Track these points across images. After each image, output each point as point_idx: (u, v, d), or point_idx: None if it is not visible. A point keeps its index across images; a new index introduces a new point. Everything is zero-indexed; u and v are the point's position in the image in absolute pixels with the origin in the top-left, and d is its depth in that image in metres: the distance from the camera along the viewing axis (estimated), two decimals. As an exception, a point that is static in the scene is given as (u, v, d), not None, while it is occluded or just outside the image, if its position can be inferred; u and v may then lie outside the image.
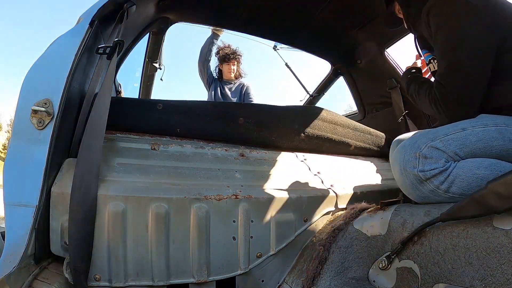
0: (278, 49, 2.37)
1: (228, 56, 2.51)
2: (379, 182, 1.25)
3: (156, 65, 2.05)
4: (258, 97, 2.65)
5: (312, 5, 1.61)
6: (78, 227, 0.71)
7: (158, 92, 2.29)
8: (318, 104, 2.54)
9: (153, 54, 1.97)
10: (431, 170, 0.77)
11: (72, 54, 0.78)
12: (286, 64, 2.50)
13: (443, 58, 0.88)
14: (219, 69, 2.60)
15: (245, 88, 2.61)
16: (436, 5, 0.89)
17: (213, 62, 2.61)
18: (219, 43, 2.48)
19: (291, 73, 2.54)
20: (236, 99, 2.57)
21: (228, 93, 2.57)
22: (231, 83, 2.61)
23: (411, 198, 0.84)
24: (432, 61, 1.14)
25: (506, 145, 0.79)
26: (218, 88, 2.57)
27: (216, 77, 2.61)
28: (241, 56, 2.57)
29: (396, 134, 1.18)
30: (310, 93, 2.46)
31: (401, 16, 1.17)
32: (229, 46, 2.53)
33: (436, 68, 1.08)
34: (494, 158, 0.78)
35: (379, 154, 1.50)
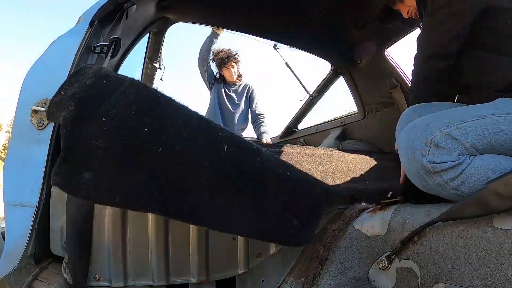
0: (278, 48, 2.36)
1: (225, 60, 2.45)
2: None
3: (156, 65, 2.05)
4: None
5: (312, 5, 1.61)
6: (76, 227, 0.71)
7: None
8: (318, 104, 2.54)
9: (153, 54, 1.97)
10: (442, 163, 0.69)
11: (72, 54, 0.78)
12: (287, 64, 2.50)
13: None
14: (219, 74, 2.56)
15: (250, 91, 2.59)
16: None
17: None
18: (218, 43, 2.47)
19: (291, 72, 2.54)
20: (242, 101, 2.55)
21: (233, 94, 2.55)
22: (236, 85, 2.58)
23: (415, 184, 0.78)
24: None
25: None
26: (223, 90, 2.53)
27: (218, 77, 2.58)
28: (238, 55, 2.51)
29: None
30: (310, 93, 2.46)
31: (403, 12, 1.14)
32: (223, 50, 2.47)
33: None
34: None
35: None
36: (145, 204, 0.59)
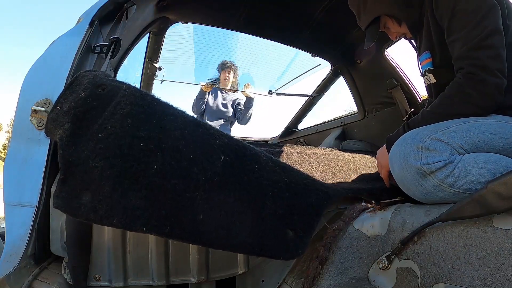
0: (273, 93, 2.51)
1: (225, 65, 2.74)
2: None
3: (156, 65, 2.05)
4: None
5: (313, 5, 1.61)
6: (76, 227, 0.71)
7: (158, 92, 2.29)
8: (318, 104, 2.54)
9: (153, 54, 1.96)
10: (436, 162, 0.73)
11: (72, 54, 0.78)
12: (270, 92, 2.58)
13: (475, 27, 0.81)
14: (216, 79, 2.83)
15: (237, 101, 2.86)
16: None
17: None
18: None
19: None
20: (231, 105, 2.81)
21: (225, 100, 2.80)
22: (227, 93, 2.83)
23: (411, 196, 0.80)
24: (426, 73, 1.05)
25: (509, 139, 0.77)
26: (219, 95, 2.80)
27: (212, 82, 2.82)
28: (237, 68, 2.80)
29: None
30: (310, 93, 2.46)
31: (386, 30, 1.13)
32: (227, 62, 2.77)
33: (432, 81, 1.03)
34: (497, 152, 0.76)
35: None
36: (142, 226, 0.58)
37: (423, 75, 1.09)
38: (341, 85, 2.26)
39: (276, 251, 0.69)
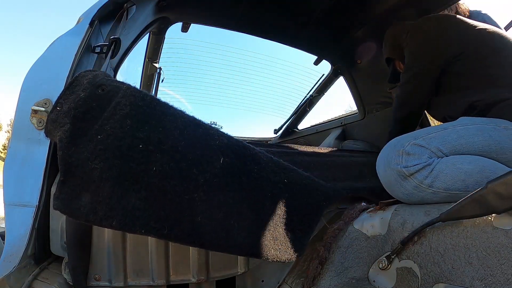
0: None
1: None
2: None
3: (156, 65, 2.05)
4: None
5: (313, 5, 1.61)
6: (75, 227, 0.71)
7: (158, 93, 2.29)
8: (318, 104, 2.54)
9: (153, 54, 1.96)
10: (414, 165, 0.79)
11: (72, 54, 0.78)
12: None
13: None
14: None
15: None
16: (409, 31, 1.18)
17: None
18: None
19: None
20: None
21: None
22: None
23: (395, 197, 0.85)
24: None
25: (487, 141, 0.81)
26: None
27: None
28: None
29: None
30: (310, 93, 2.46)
31: (401, 70, 1.34)
32: None
33: None
34: (477, 155, 0.81)
35: None
36: (140, 227, 0.58)
37: None
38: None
39: (275, 253, 0.69)
